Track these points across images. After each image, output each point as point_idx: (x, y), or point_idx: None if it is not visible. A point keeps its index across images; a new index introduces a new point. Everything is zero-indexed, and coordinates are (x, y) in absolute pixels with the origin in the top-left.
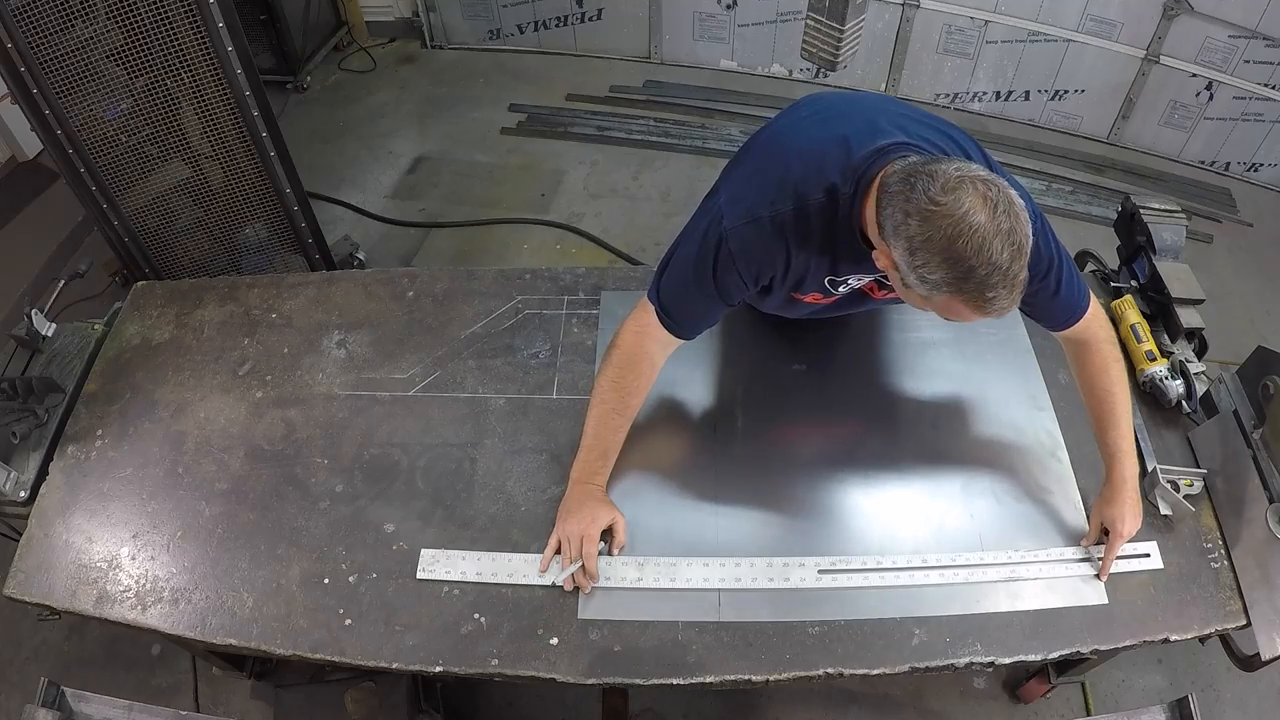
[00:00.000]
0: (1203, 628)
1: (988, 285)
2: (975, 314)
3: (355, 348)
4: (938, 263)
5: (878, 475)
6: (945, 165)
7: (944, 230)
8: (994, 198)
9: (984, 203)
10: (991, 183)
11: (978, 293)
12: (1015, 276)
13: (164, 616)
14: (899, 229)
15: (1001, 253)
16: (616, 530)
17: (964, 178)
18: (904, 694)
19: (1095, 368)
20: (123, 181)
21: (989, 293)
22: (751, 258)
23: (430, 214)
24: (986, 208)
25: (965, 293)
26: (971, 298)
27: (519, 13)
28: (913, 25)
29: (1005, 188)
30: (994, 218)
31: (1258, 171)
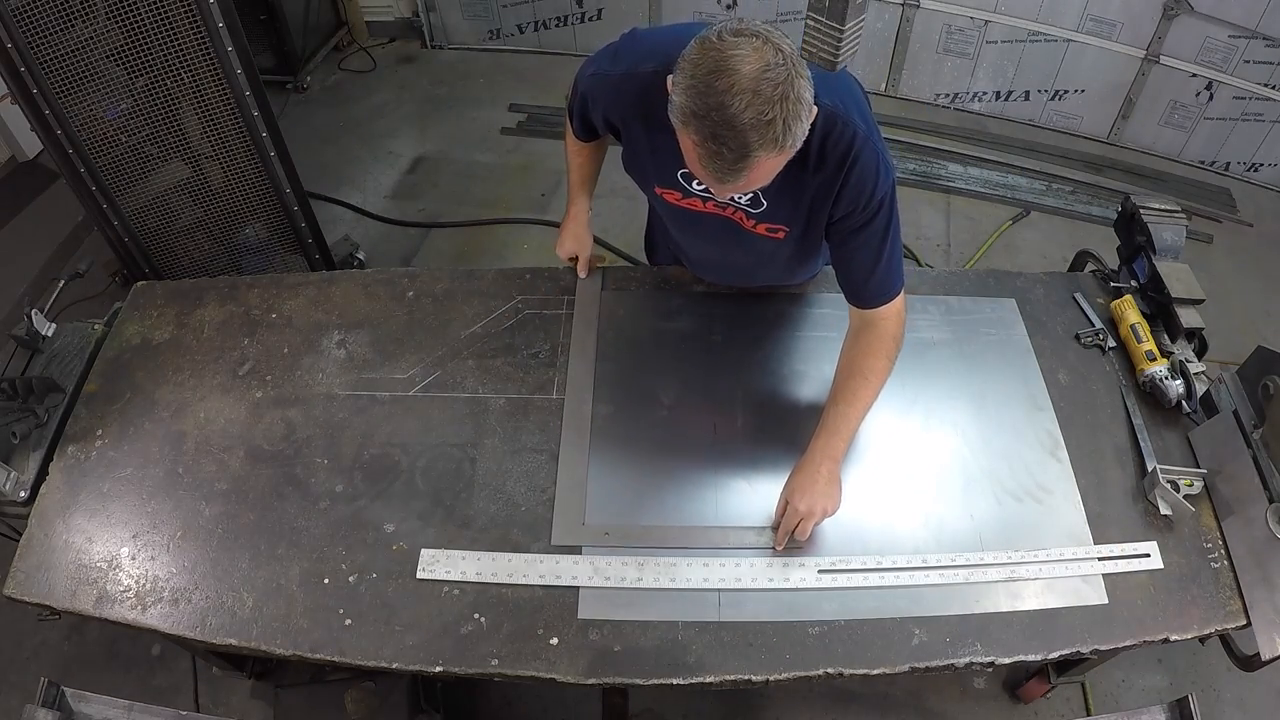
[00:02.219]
0: (1203, 628)
1: (715, 135)
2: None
3: (355, 348)
4: (685, 86)
5: (878, 475)
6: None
7: (709, 61)
8: (774, 65)
9: (758, 60)
10: (787, 57)
11: (704, 137)
12: (748, 148)
13: (164, 616)
14: (682, 54)
15: (744, 111)
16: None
17: (763, 36)
18: (904, 694)
19: (865, 349)
20: (123, 181)
21: (712, 144)
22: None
23: (430, 214)
24: (758, 66)
25: (695, 131)
26: (699, 139)
27: (519, 13)
28: (913, 25)
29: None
30: (759, 79)
31: (1258, 171)
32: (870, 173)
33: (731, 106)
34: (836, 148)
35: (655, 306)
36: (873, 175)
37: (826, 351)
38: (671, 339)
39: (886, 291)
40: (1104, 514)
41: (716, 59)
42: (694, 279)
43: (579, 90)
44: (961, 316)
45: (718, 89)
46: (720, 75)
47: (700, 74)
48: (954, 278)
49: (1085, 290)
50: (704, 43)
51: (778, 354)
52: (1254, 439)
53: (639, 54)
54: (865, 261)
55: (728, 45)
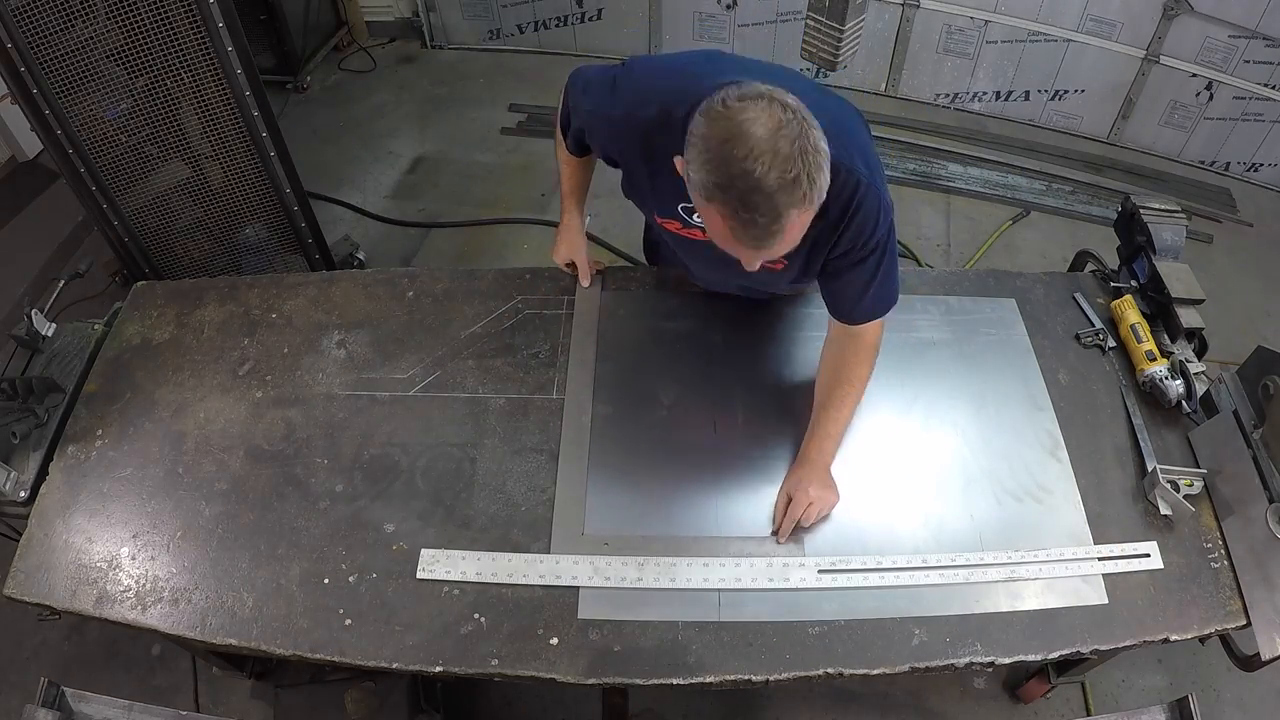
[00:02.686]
0: (1203, 628)
1: (746, 203)
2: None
3: (355, 348)
4: (703, 161)
5: (878, 475)
6: (758, 84)
7: (721, 130)
8: (786, 122)
9: (770, 120)
10: (795, 112)
11: (735, 209)
12: (778, 210)
13: (164, 616)
14: (690, 130)
15: (769, 175)
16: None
17: (768, 95)
18: (904, 694)
19: (850, 358)
20: (123, 181)
21: (744, 213)
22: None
23: (430, 214)
24: (771, 125)
25: (722, 204)
26: (729, 212)
27: (519, 13)
28: (913, 25)
29: (808, 125)
30: (775, 136)
31: (1258, 171)
32: (871, 216)
33: (755, 171)
34: (839, 197)
35: (655, 306)
36: (873, 218)
37: None
38: (671, 339)
39: (874, 313)
40: (1104, 514)
41: (728, 127)
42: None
43: (576, 119)
44: (961, 316)
45: (737, 157)
46: (736, 143)
47: (715, 145)
48: (954, 278)
49: (1085, 290)
50: (710, 114)
51: (777, 354)
52: (1254, 439)
53: (639, 95)
54: (855, 291)
55: (735, 111)
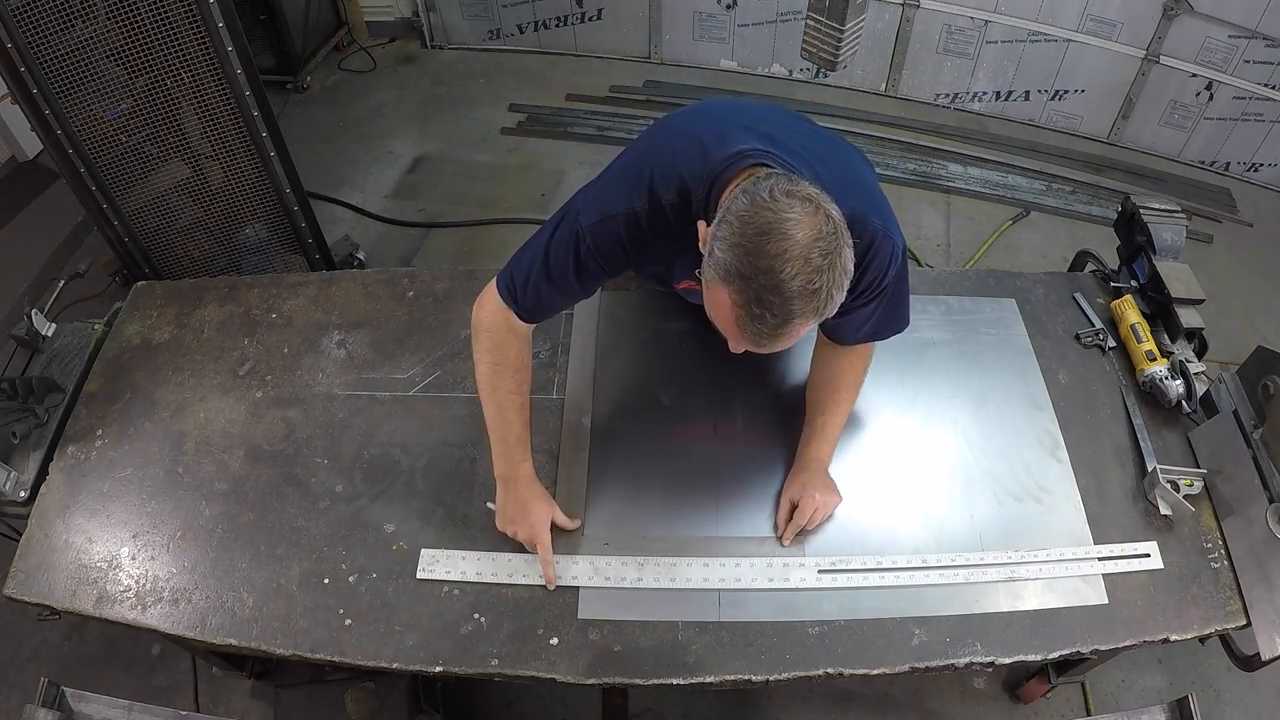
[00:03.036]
0: (1203, 628)
1: (760, 299)
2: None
3: (355, 348)
4: (732, 244)
5: (878, 475)
6: (811, 185)
7: (761, 221)
8: (825, 235)
9: (811, 227)
10: (836, 225)
11: (748, 299)
12: (791, 315)
13: (164, 616)
14: (728, 202)
15: (793, 279)
16: (556, 518)
17: (815, 201)
18: (904, 694)
19: (845, 365)
20: (123, 181)
21: (756, 308)
22: (607, 252)
23: (430, 214)
24: (811, 234)
25: (737, 291)
26: (741, 300)
27: (519, 13)
28: (913, 25)
29: (843, 244)
30: (810, 247)
31: (1258, 171)
32: (884, 263)
33: (782, 272)
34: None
35: (655, 306)
36: (885, 264)
37: None
38: (671, 339)
39: (872, 339)
40: (1104, 514)
41: (769, 221)
42: None
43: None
44: (961, 316)
45: (769, 252)
46: (772, 237)
47: (750, 234)
48: (954, 278)
49: (1085, 290)
50: (755, 200)
51: (777, 353)
52: (1254, 439)
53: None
54: (856, 324)
55: (781, 207)
